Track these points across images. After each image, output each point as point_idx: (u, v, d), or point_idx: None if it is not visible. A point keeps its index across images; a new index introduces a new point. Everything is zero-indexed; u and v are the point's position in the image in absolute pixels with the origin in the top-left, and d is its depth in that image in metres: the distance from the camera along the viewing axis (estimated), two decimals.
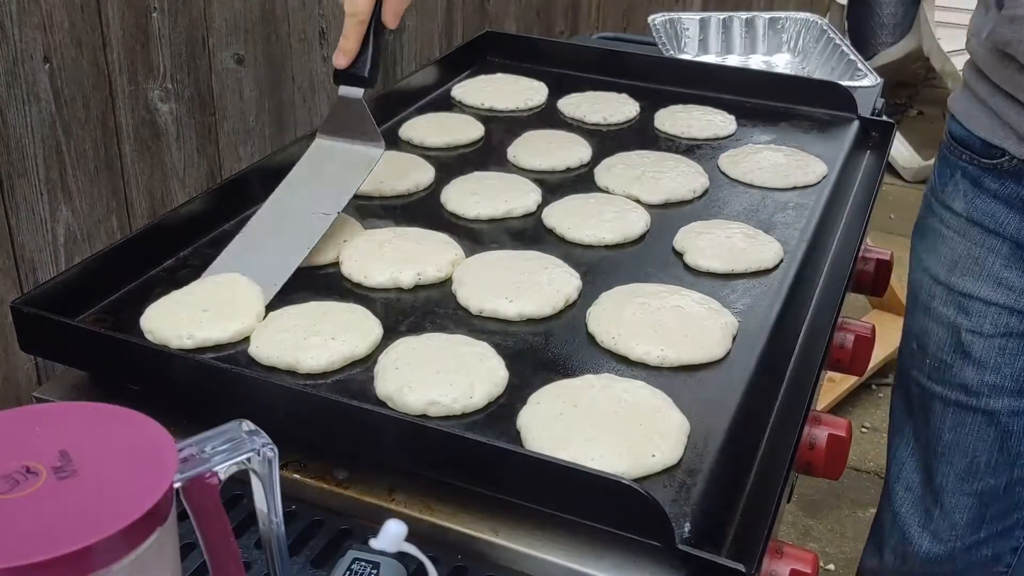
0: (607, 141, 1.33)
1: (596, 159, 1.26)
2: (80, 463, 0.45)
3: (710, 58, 1.78)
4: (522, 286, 0.95)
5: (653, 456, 0.75)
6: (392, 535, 0.56)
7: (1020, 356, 1.12)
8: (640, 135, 1.36)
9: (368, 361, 0.86)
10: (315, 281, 0.99)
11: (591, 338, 0.91)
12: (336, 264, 1.01)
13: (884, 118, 1.41)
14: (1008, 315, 1.11)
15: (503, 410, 0.81)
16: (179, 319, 0.87)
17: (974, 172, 1.12)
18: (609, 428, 0.77)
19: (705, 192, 1.20)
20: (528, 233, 1.09)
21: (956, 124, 1.14)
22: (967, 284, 1.14)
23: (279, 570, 0.58)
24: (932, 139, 4.15)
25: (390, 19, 1.00)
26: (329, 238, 1.03)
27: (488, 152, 1.30)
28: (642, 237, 1.09)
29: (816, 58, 1.75)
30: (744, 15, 1.82)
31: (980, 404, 1.15)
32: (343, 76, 1.04)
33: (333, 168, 1.04)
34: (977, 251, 1.13)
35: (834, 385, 2.52)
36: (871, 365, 2.11)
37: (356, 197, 1.15)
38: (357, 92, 1.04)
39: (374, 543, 0.57)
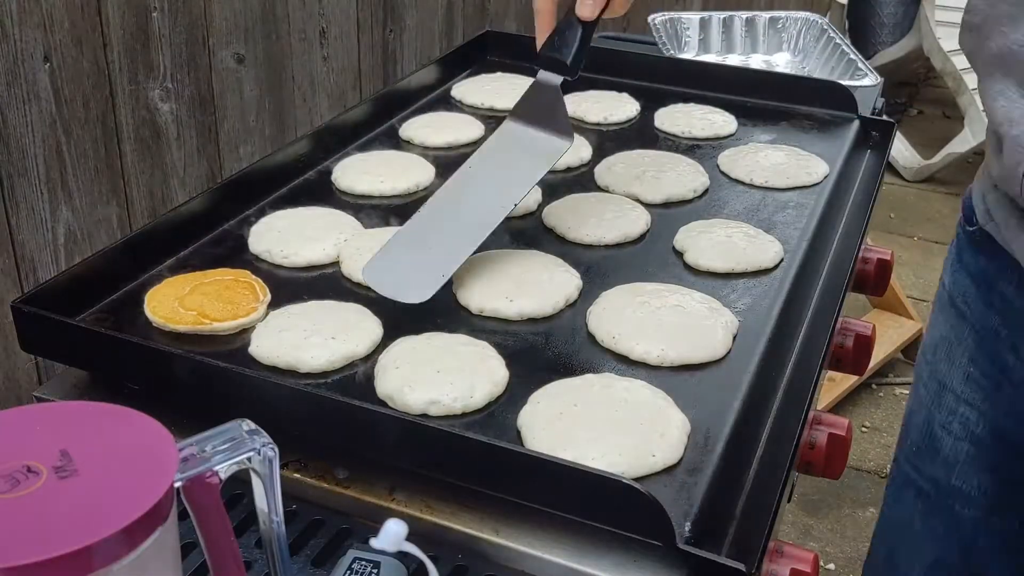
0: (607, 140, 1.33)
1: (596, 158, 1.26)
2: (81, 462, 0.45)
3: (710, 57, 1.78)
4: (522, 285, 0.95)
5: (653, 455, 0.75)
6: (392, 535, 0.57)
7: (986, 471, 1.04)
8: (640, 134, 1.36)
9: (368, 360, 0.86)
10: (315, 281, 0.99)
11: (591, 337, 0.91)
12: (336, 264, 1.01)
13: (884, 118, 1.41)
14: (975, 421, 1.04)
15: (503, 410, 0.81)
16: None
17: (962, 240, 1.06)
18: (609, 427, 0.77)
19: (705, 191, 1.20)
20: (528, 232, 1.09)
21: (971, 185, 1.07)
22: (942, 371, 1.07)
23: (279, 570, 0.58)
24: (932, 139, 4.16)
25: (585, 11, 0.97)
26: (329, 238, 1.03)
27: None
28: (642, 236, 1.09)
29: (816, 57, 1.75)
30: (744, 14, 1.82)
31: (947, 505, 1.08)
32: (544, 60, 0.99)
33: (517, 154, 1.00)
34: (951, 335, 1.06)
35: (834, 384, 2.52)
36: (871, 365, 2.11)
37: (356, 197, 1.15)
38: (554, 79, 0.99)
39: (375, 543, 0.57)
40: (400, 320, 0.92)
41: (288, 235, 1.03)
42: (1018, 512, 1.05)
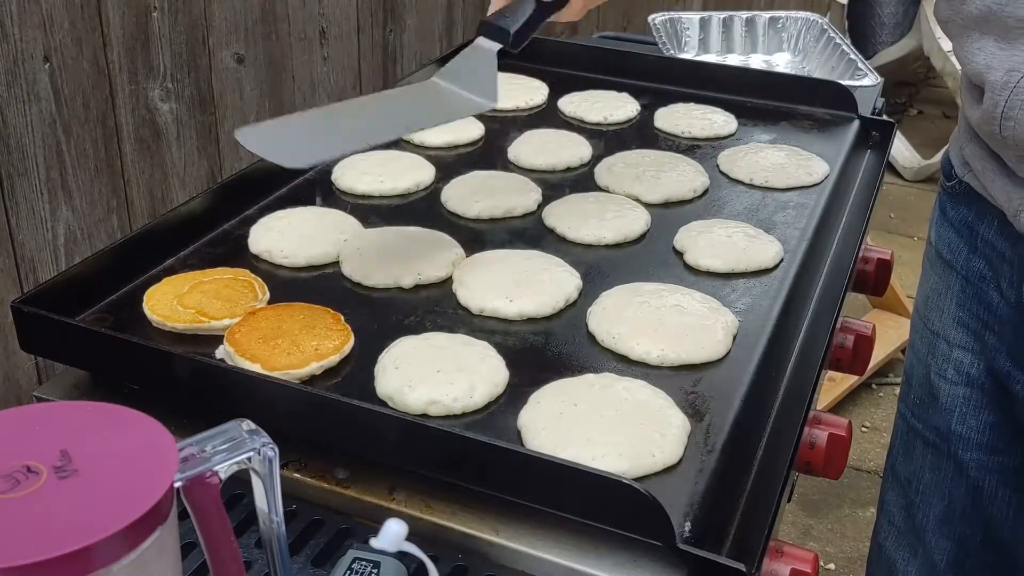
0: (607, 140, 1.33)
1: (596, 158, 1.26)
2: (81, 462, 0.45)
3: (710, 57, 1.78)
4: (522, 285, 0.95)
5: (653, 455, 0.75)
6: (392, 534, 0.57)
7: (983, 410, 1.08)
8: (640, 134, 1.36)
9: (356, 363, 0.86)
10: (315, 281, 0.99)
11: (591, 337, 0.91)
12: (336, 264, 1.01)
13: (884, 117, 1.41)
14: (969, 363, 1.08)
15: (503, 410, 0.81)
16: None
17: (943, 197, 1.11)
18: (609, 427, 0.77)
19: (705, 191, 1.20)
20: (528, 232, 1.09)
21: (949, 144, 1.13)
22: (934, 321, 1.12)
23: (279, 569, 0.58)
24: (932, 138, 4.16)
25: None
26: (329, 238, 1.03)
27: (488, 151, 1.30)
28: (642, 236, 1.09)
29: (816, 57, 1.75)
30: (744, 14, 1.82)
31: (951, 451, 1.12)
32: (487, 28, 0.98)
33: (432, 102, 0.98)
34: (940, 285, 1.11)
35: (834, 384, 2.52)
36: (871, 365, 2.11)
37: (356, 197, 1.15)
38: (493, 45, 0.98)
39: (375, 542, 0.57)
40: (400, 320, 0.92)
41: (288, 235, 1.03)
42: (1020, 448, 1.09)
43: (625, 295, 0.95)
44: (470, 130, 1.32)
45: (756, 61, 1.80)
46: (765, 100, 1.45)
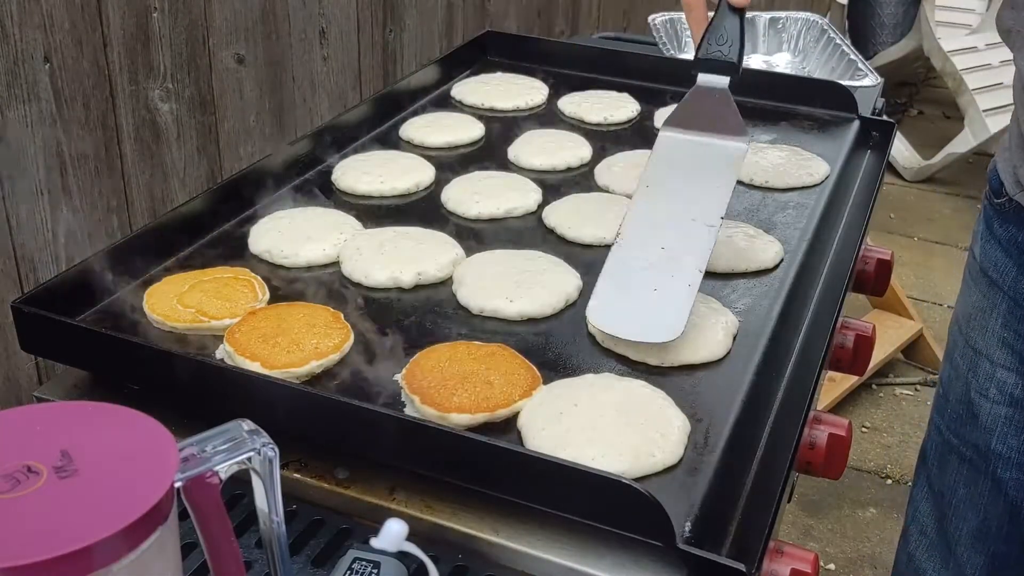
0: (607, 140, 1.33)
1: (596, 158, 1.26)
2: (81, 462, 0.45)
3: None
4: (523, 286, 0.95)
5: (653, 456, 0.75)
6: (393, 534, 0.57)
7: None
8: (640, 135, 1.36)
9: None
10: (315, 281, 0.99)
11: (591, 337, 0.91)
12: (336, 264, 1.01)
13: (884, 118, 1.41)
14: (1013, 383, 1.06)
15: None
16: None
17: (989, 213, 1.08)
18: (609, 428, 0.77)
19: None
20: (528, 233, 1.09)
21: (994, 157, 1.09)
22: (976, 339, 1.09)
23: (280, 569, 0.58)
24: (932, 139, 4.16)
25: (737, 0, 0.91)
26: (329, 238, 1.03)
27: (488, 152, 1.30)
28: None
29: (816, 58, 1.75)
30: None
31: (989, 469, 1.10)
32: (704, 63, 0.92)
33: (692, 165, 0.92)
34: (984, 304, 1.08)
35: (834, 385, 2.52)
36: (871, 365, 2.11)
37: (356, 197, 1.15)
38: (722, 80, 0.92)
39: (375, 542, 0.57)
40: (400, 320, 0.92)
41: (288, 235, 1.03)
42: None
43: None
44: (470, 130, 1.32)
45: (756, 61, 1.80)
46: (765, 100, 1.45)
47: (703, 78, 0.93)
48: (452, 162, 1.25)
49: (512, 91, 1.45)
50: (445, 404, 0.78)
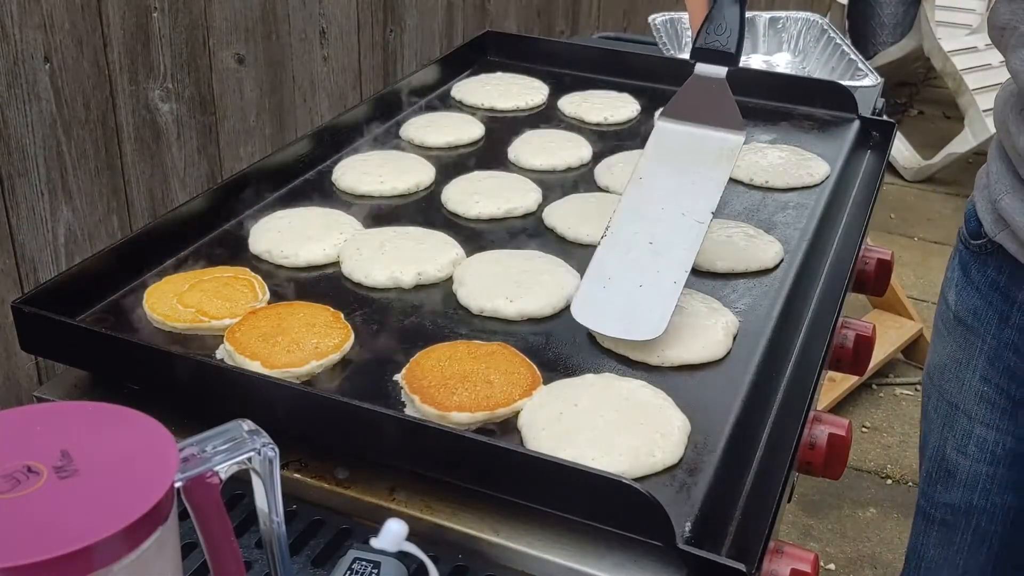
0: (608, 140, 1.33)
1: (597, 158, 1.26)
2: (81, 462, 0.45)
3: None
4: (523, 286, 0.95)
5: (654, 456, 0.75)
6: (393, 534, 0.56)
7: (1009, 491, 1.01)
8: (640, 135, 1.36)
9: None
10: (315, 281, 0.99)
11: (591, 337, 0.91)
12: (336, 264, 1.01)
13: (884, 118, 1.41)
14: (993, 441, 1.00)
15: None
16: None
17: (965, 257, 1.02)
18: (610, 428, 0.77)
19: None
20: (529, 232, 1.09)
21: (971, 197, 1.03)
22: (952, 392, 1.03)
23: (280, 569, 0.58)
24: (932, 139, 4.16)
25: None
26: (329, 238, 1.03)
27: (488, 151, 1.30)
28: None
29: (816, 58, 1.75)
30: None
31: (970, 525, 1.05)
32: (702, 52, 0.90)
33: (687, 158, 0.90)
34: (960, 355, 1.02)
35: (834, 385, 2.52)
36: (871, 365, 2.11)
37: (356, 197, 1.15)
38: (719, 71, 0.90)
39: (375, 542, 0.57)
40: (400, 320, 0.92)
41: (288, 235, 1.03)
42: None
43: None
44: (470, 130, 1.32)
45: (756, 61, 1.80)
46: (765, 100, 1.45)
47: (701, 68, 0.91)
48: (452, 162, 1.25)
49: (512, 91, 1.45)
50: (445, 403, 0.78)
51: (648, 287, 0.87)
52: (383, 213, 1.12)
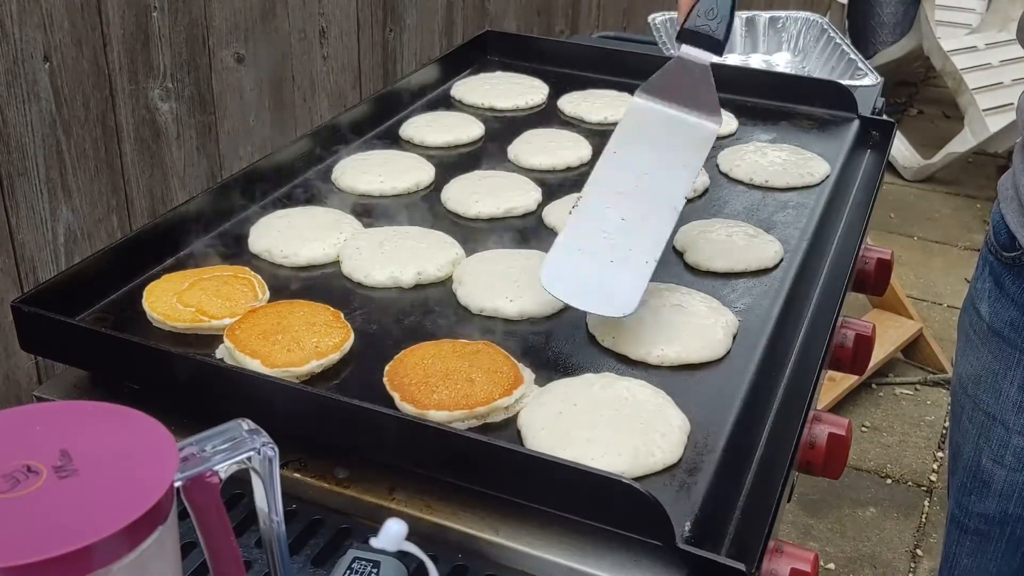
0: (608, 140, 1.32)
1: (596, 158, 1.26)
2: (81, 462, 0.45)
3: None
4: (523, 285, 0.95)
5: (653, 455, 0.75)
6: (392, 534, 0.56)
7: None
8: None
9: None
10: (315, 281, 0.99)
11: (591, 337, 0.91)
12: (336, 264, 1.01)
13: (884, 117, 1.41)
14: None
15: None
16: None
17: (997, 268, 1.00)
18: (609, 427, 0.77)
19: (705, 191, 1.20)
20: (528, 232, 1.09)
21: (997, 206, 1.02)
22: (988, 403, 1.03)
23: (279, 569, 0.58)
24: (932, 138, 4.16)
25: None
26: (329, 237, 1.03)
27: (488, 151, 1.29)
28: None
29: (816, 57, 1.75)
30: (744, 14, 1.82)
31: (1004, 534, 1.05)
32: (689, 34, 0.87)
33: (662, 139, 0.88)
34: (996, 366, 1.01)
35: (834, 384, 2.52)
36: (871, 364, 2.11)
37: (356, 196, 1.15)
38: (705, 56, 0.88)
39: (374, 542, 0.57)
40: (400, 320, 0.92)
41: (288, 235, 1.03)
42: None
43: None
44: (470, 130, 1.32)
45: (756, 61, 1.80)
46: (765, 100, 1.45)
47: (686, 50, 0.89)
48: (452, 161, 1.25)
49: (512, 90, 1.45)
50: (424, 401, 0.78)
51: (619, 264, 0.86)
52: (383, 212, 1.12)
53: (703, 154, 0.89)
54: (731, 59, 1.79)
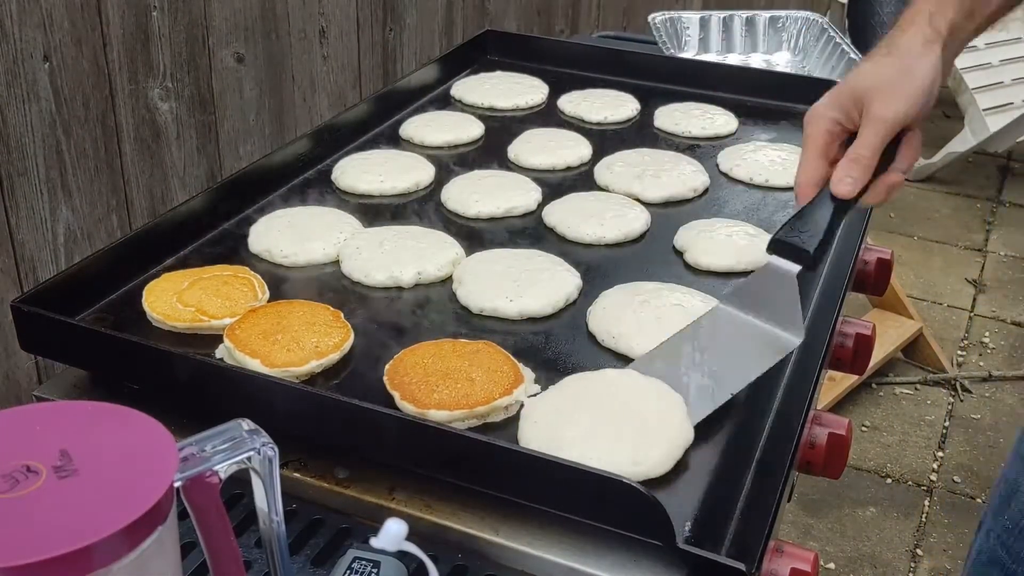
0: (607, 140, 1.33)
1: (596, 157, 1.26)
2: (80, 462, 0.45)
3: (711, 57, 1.78)
4: (522, 285, 0.95)
5: (654, 455, 0.75)
6: (392, 534, 0.56)
7: None
8: (640, 134, 1.36)
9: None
10: (315, 280, 0.99)
11: (591, 337, 0.91)
12: (336, 263, 1.01)
13: None
14: None
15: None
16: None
17: None
18: (609, 427, 0.77)
19: (705, 191, 1.20)
20: (528, 232, 1.09)
21: None
22: None
23: (279, 569, 0.58)
24: (932, 138, 4.15)
25: (842, 188, 0.84)
26: (329, 237, 1.03)
27: (488, 151, 1.29)
28: (642, 236, 1.09)
29: (816, 57, 1.75)
30: (744, 14, 1.82)
31: None
32: (780, 244, 0.84)
33: (737, 342, 0.86)
34: None
35: (834, 384, 2.52)
36: (871, 364, 2.11)
37: (356, 196, 1.15)
38: (790, 267, 0.84)
39: (374, 542, 0.57)
40: (400, 320, 0.92)
41: (288, 234, 1.03)
42: None
43: (625, 294, 0.95)
44: (470, 129, 1.32)
45: (756, 60, 1.80)
46: (765, 99, 1.45)
47: (776, 261, 0.85)
48: (452, 161, 1.25)
49: (512, 90, 1.45)
50: (424, 400, 0.78)
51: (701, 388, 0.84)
52: (383, 212, 1.12)
53: (773, 361, 0.86)
54: (731, 58, 1.79)
